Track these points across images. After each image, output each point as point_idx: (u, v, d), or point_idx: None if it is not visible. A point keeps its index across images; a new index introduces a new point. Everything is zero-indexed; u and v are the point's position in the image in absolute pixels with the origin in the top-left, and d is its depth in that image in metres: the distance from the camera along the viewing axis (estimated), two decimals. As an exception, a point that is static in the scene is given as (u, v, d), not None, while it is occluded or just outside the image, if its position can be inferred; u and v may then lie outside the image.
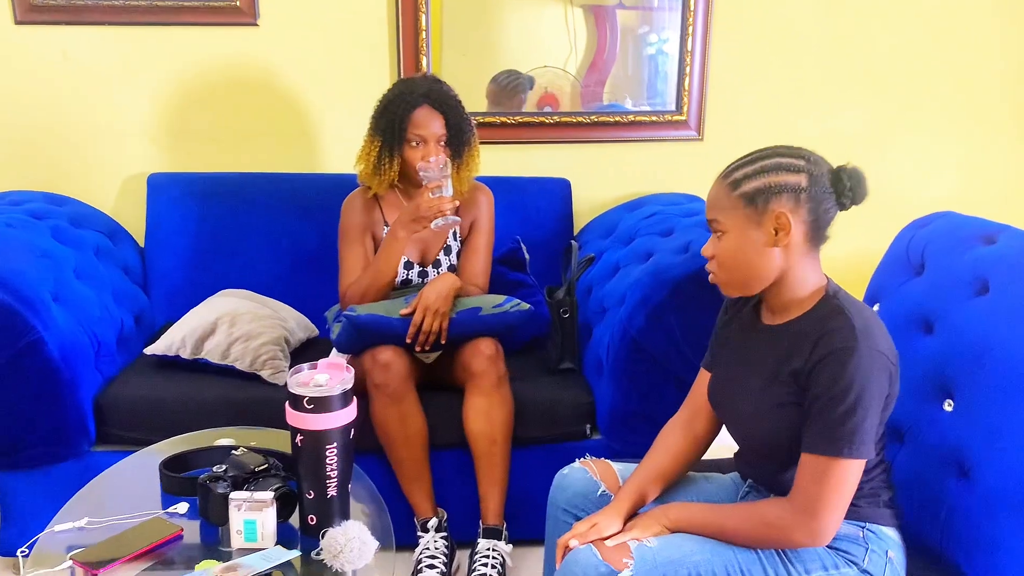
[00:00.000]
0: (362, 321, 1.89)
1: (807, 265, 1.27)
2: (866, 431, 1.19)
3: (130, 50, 2.44)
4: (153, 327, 2.37)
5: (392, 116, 1.99)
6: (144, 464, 1.64)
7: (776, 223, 1.23)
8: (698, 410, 1.47)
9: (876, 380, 1.19)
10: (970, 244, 1.52)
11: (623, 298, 2.00)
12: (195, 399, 1.99)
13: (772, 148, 1.28)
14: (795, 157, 1.25)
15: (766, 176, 1.23)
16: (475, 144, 2.09)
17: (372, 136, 2.04)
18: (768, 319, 1.35)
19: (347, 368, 1.36)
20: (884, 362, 1.20)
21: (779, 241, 1.24)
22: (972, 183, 2.85)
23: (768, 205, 1.23)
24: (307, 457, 1.34)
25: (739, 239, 1.25)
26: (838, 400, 1.18)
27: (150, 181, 2.47)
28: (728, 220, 1.26)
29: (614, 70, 2.62)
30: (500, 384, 1.95)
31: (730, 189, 1.25)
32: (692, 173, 2.70)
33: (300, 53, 2.49)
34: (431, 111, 2.00)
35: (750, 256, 1.25)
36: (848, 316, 1.22)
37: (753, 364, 1.34)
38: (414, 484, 1.94)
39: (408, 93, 2.00)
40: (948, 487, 1.39)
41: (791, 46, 2.67)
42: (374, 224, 2.10)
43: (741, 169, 1.26)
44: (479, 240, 2.15)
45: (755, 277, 1.27)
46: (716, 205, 1.27)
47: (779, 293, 1.30)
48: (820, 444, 1.20)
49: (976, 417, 1.36)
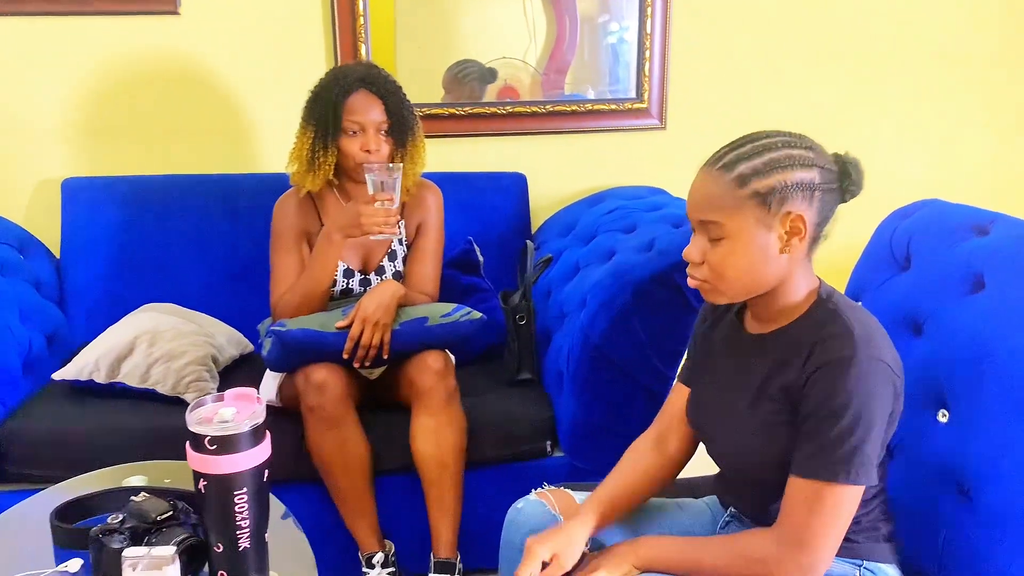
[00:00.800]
0: (292, 337, 1.71)
1: (804, 269, 1.12)
2: (867, 453, 1.03)
3: (39, 43, 2.24)
4: (70, 347, 2.16)
5: (325, 103, 1.82)
6: (40, 509, 1.43)
7: (789, 226, 1.06)
8: (671, 427, 1.31)
9: (879, 395, 1.04)
10: (961, 235, 1.39)
11: (584, 301, 1.87)
12: (110, 429, 1.80)
13: (767, 134, 1.10)
14: (803, 148, 1.08)
15: (779, 172, 1.05)
16: (420, 135, 1.93)
17: (304, 127, 1.87)
18: (754, 327, 1.19)
19: (257, 399, 1.18)
20: (887, 374, 1.05)
21: (791, 246, 1.07)
22: (947, 166, 2.78)
23: (782, 206, 1.05)
24: (213, 505, 1.15)
25: (745, 244, 1.07)
26: (835, 417, 1.02)
27: (65, 186, 2.28)
28: (733, 222, 1.06)
29: (575, 60, 2.51)
30: (450, 401, 1.78)
31: (736, 185, 1.06)
32: (655, 164, 2.59)
33: (226, 44, 2.31)
34: (369, 96, 1.83)
35: (755, 263, 1.08)
36: (845, 321, 1.06)
37: (738, 379, 1.18)
38: (357, 516, 1.77)
39: (342, 78, 1.84)
40: (945, 508, 1.25)
41: (756, 26, 2.56)
42: (309, 227, 1.91)
43: (746, 162, 1.07)
44: (427, 243, 1.97)
45: (756, 285, 1.11)
46: (716, 204, 1.07)
47: (772, 300, 1.13)
48: (813, 467, 1.04)
49: (975, 429, 1.22)
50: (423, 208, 1.97)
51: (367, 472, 1.77)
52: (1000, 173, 2.79)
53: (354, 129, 1.82)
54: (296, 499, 1.75)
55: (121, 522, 1.22)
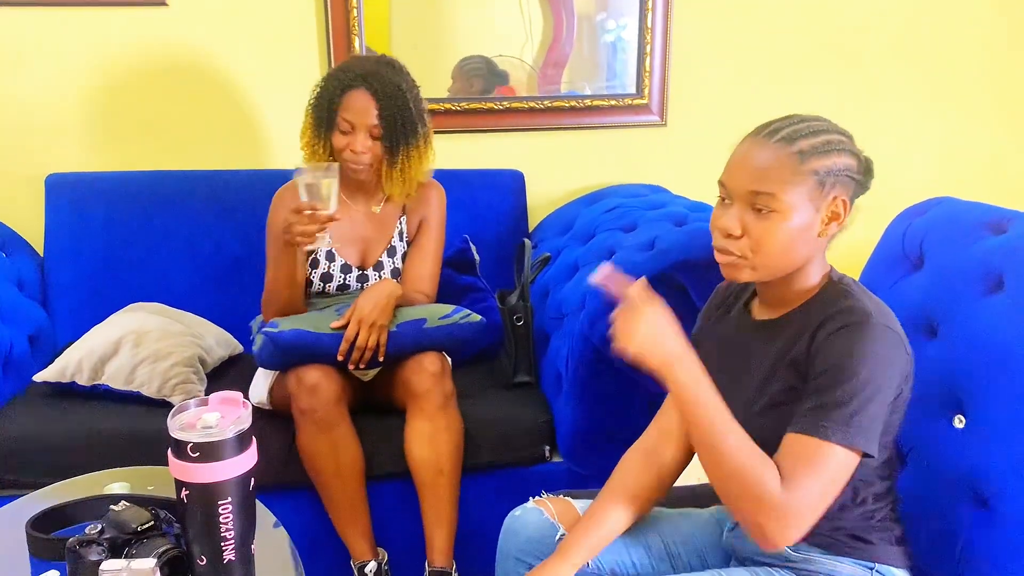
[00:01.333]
0: (285, 338, 1.65)
1: (820, 258, 1.12)
2: (870, 418, 0.99)
3: (22, 35, 2.17)
4: (54, 348, 2.10)
5: (323, 94, 1.78)
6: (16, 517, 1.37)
7: (832, 210, 1.06)
8: (666, 434, 1.25)
9: (890, 361, 1.01)
10: (976, 234, 1.34)
11: (583, 302, 1.81)
12: (92, 433, 1.74)
13: (821, 119, 1.11)
14: (846, 136, 1.10)
15: (836, 154, 1.06)
16: (421, 146, 1.82)
17: (307, 114, 1.83)
18: (762, 314, 1.16)
19: (243, 404, 1.12)
20: (900, 343, 1.03)
21: (828, 230, 1.07)
22: (950, 165, 2.74)
23: (834, 188, 1.06)
24: (196, 515, 1.09)
25: (795, 220, 1.05)
26: (841, 377, 0.99)
27: (49, 182, 2.21)
28: (789, 196, 1.04)
29: (572, 58, 2.47)
30: (446, 405, 1.72)
31: (798, 160, 1.05)
32: (655, 162, 2.54)
33: (215, 36, 2.25)
34: (365, 95, 1.75)
35: (796, 241, 1.06)
36: (859, 298, 1.05)
37: (745, 368, 1.14)
38: (349, 523, 1.71)
39: (347, 71, 1.78)
40: (963, 518, 1.20)
41: (758, 22, 2.52)
42: None
43: (805, 139, 1.06)
44: (428, 242, 1.92)
45: (789, 264, 1.09)
46: (774, 175, 1.04)
47: (787, 284, 1.11)
48: (809, 423, 1.00)
49: (994, 435, 1.18)
50: (426, 205, 1.92)
51: (360, 477, 1.72)
52: (1003, 171, 2.76)
53: (345, 127, 1.76)
54: (286, 505, 1.69)
55: (100, 532, 1.16)
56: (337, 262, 1.85)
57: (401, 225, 1.90)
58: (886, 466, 1.12)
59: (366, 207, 1.88)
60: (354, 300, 1.74)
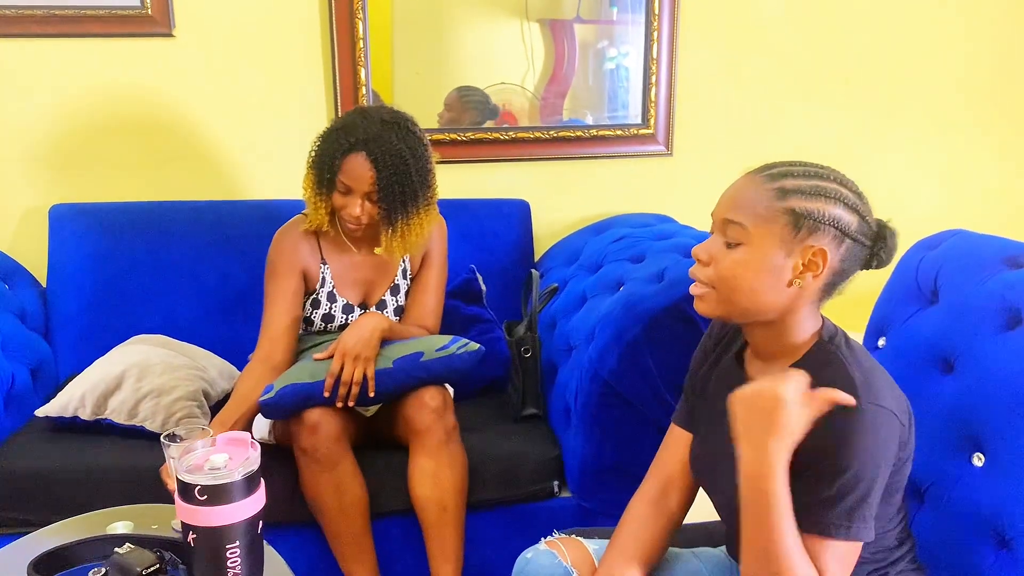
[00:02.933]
0: (284, 400, 1.63)
1: (812, 311, 1.06)
2: (869, 507, 0.97)
3: (26, 65, 2.17)
4: (56, 380, 2.08)
5: (325, 156, 1.73)
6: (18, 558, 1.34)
7: (809, 259, 1.01)
8: (671, 482, 1.23)
9: (882, 446, 0.97)
10: (992, 268, 1.32)
11: (592, 334, 1.80)
12: (95, 469, 1.70)
13: (827, 168, 1.06)
14: (853, 192, 1.04)
15: (822, 200, 1.01)
16: (422, 212, 1.77)
17: (309, 168, 1.79)
18: (754, 369, 1.12)
19: (252, 445, 1.10)
20: (891, 423, 0.98)
21: (801, 281, 1.01)
22: (957, 196, 2.74)
23: (812, 235, 1.00)
24: (203, 559, 1.07)
25: (759, 258, 1.01)
26: (836, 471, 0.96)
27: (52, 213, 2.19)
28: (758, 230, 1.01)
29: (574, 86, 2.47)
30: (449, 440, 1.69)
31: (775, 196, 1.01)
32: (662, 191, 2.53)
33: (221, 67, 2.24)
34: (364, 161, 1.69)
35: (762, 283, 1.02)
36: (845, 366, 1.00)
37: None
38: (354, 561, 1.68)
39: (350, 131, 1.71)
40: (984, 559, 1.17)
41: (764, 53, 2.53)
42: (307, 259, 1.83)
43: (793, 179, 1.03)
44: (429, 276, 1.90)
45: (755, 308, 1.04)
46: (748, 207, 1.02)
47: (772, 337, 1.07)
48: (810, 521, 0.97)
49: (1014, 474, 1.15)
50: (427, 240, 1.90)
51: (364, 515, 1.68)
52: (1011, 201, 2.75)
53: (343, 189, 1.73)
54: (291, 542, 1.67)
55: (103, 576, 1.14)
56: (339, 302, 1.84)
57: (404, 263, 1.89)
58: (896, 517, 1.09)
59: (368, 249, 1.86)
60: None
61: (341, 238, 1.86)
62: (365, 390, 1.66)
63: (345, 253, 1.85)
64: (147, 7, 2.16)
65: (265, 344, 1.78)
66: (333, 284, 1.83)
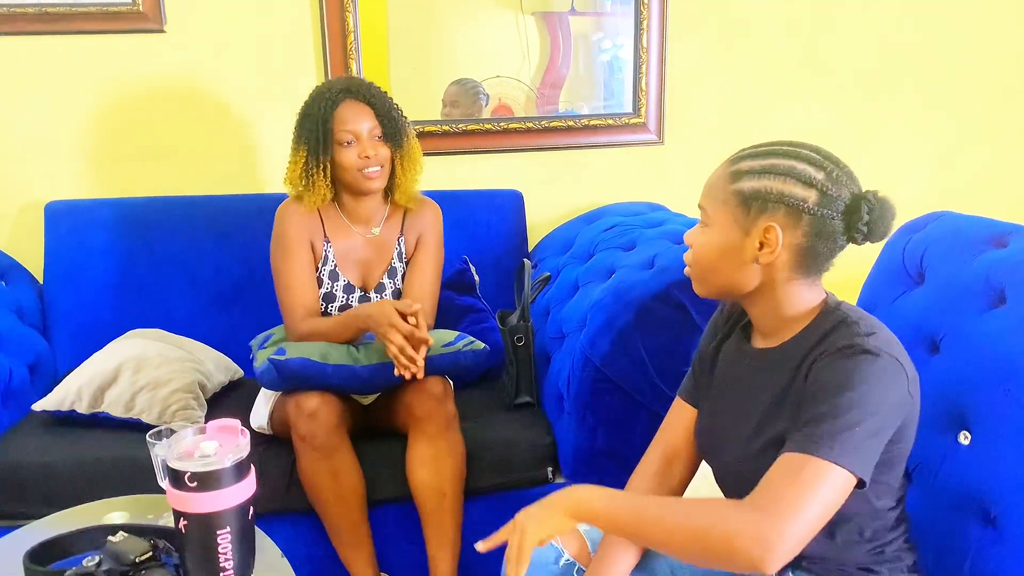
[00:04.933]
0: (290, 368, 1.64)
1: (799, 288, 1.06)
2: (857, 438, 0.94)
3: (19, 63, 2.17)
4: (54, 376, 2.09)
5: (315, 119, 1.77)
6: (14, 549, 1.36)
7: (764, 237, 1.02)
8: (674, 455, 1.24)
9: (886, 387, 0.96)
10: (977, 248, 1.33)
11: (584, 321, 1.81)
12: (91, 461, 1.72)
13: (796, 146, 1.06)
14: (814, 166, 1.02)
15: (771, 178, 1.02)
16: (412, 136, 1.88)
17: (296, 148, 1.81)
18: (759, 342, 1.14)
19: (241, 432, 1.11)
20: (899, 373, 0.98)
21: (761, 258, 1.03)
22: (946, 180, 2.73)
23: (762, 214, 1.02)
24: (194, 545, 1.08)
25: (720, 239, 1.06)
26: (830, 395, 0.96)
27: (48, 209, 2.20)
28: (715, 213, 1.07)
29: (569, 78, 2.47)
30: (448, 428, 1.71)
31: (730, 179, 1.06)
32: (653, 180, 2.53)
33: (214, 61, 2.25)
34: (356, 104, 1.79)
35: (726, 262, 1.06)
36: (856, 323, 1.01)
37: (747, 398, 1.11)
38: (352, 548, 1.69)
39: (326, 91, 1.79)
40: (970, 536, 1.18)
41: (754, 40, 2.53)
42: (313, 234, 1.84)
43: (749, 160, 1.06)
44: (425, 259, 1.91)
45: (727, 286, 1.09)
46: (710, 192, 1.08)
47: (764, 312, 1.09)
48: (797, 440, 0.96)
49: (1000, 451, 1.16)
50: (422, 223, 1.92)
51: (362, 502, 1.70)
52: (999, 184, 2.75)
53: (348, 139, 1.77)
54: (288, 531, 1.69)
55: (97, 564, 1.15)
56: (341, 281, 1.84)
57: (400, 246, 1.90)
58: (895, 496, 1.09)
59: (365, 230, 1.88)
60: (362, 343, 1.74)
61: (339, 217, 1.87)
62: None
63: (344, 234, 1.86)
64: (138, 4, 2.16)
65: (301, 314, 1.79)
66: (335, 262, 1.84)
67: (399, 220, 1.91)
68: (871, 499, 1.04)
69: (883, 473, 1.02)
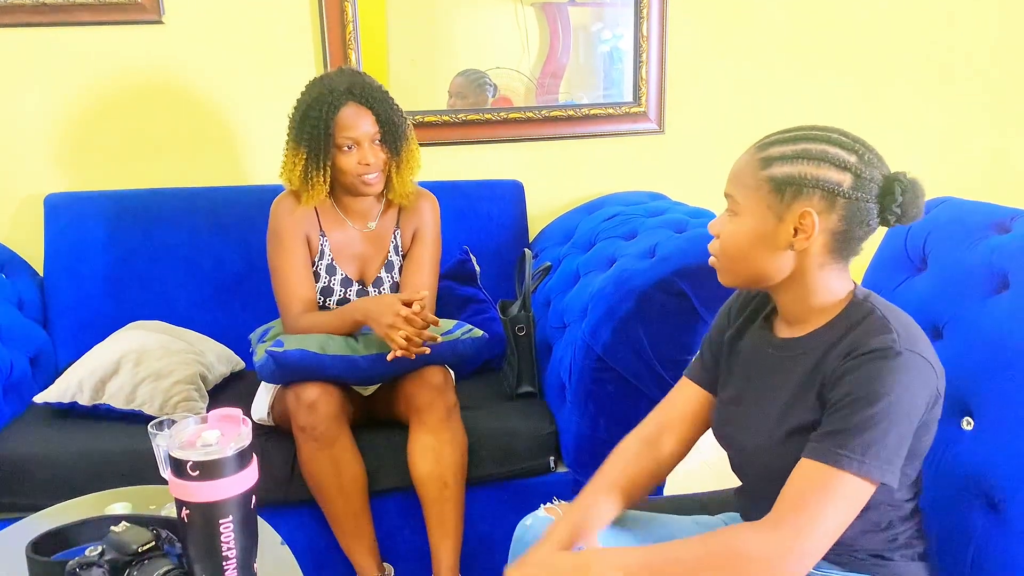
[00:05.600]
0: (288, 359, 1.64)
1: (829, 275, 1.06)
2: (888, 448, 0.95)
3: (18, 55, 2.17)
4: (55, 368, 2.09)
5: (315, 121, 1.74)
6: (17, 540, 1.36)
7: (799, 222, 1.01)
8: (670, 426, 1.24)
9: (915, 391, 0.97)
10: (980, 233, 1.32)
11: (585, 311, 1.80)
12: (93, 453, 1.72)
13: (825, 130, 1.05)
14: (846, 150, 1.02)
15: (804, 163, 1.01)
16: (412, 137, 1.86)
17: (295, 147, 1.79)
18: (784, 331, 1.13)
19: (243, 421, 1.11)
20: (928, 372, 0.99)
21: (796, 244, 1.02)
22: (948, 165, 2.72)
23: (797, 199, 1.01)
24: (197, 535, 1.08)
25: (752, 226, 1.05)
26: (862, 403, 0.96)
27: (48, 202, 2.20)
28: (746, 200, 1.05)
29: (569, 69, 2.47)
30: (449, 418, 1.70)
31: (760, 166, 1.04)
32: (654, 169, 2.52)
33: (213, 52, 2.24)
34: (358, 108, 1.76)
35: (758, 250, 1.05)
36: (885, 320, 1.01)
37: (768, 390, 1.11)
38: (354, 539, 1.69)
39: (328, 92, 1.75)
40: (974, 522, 1.18)
41: (754, 28, 2.52)
42: (309, 228, 1.83)
43: (779, 146, 1.04)
44: (423, 252, 1.90)
45: (758, 274, 1.07)
46: (738, 179, 1.06)
47: (793, 300, 1.08)
48: (824, 450, 0.97)
49: (1003, 437, 1.16)
50: (418, 216, 1.91)
51: (363, 493, 1.70)
52: (1003, 169, 2.74)
53: (348, 144, 1.75)
54: (290, 522, 1.69)
55: (100, 554, 1.15)
56: (338, 275, 1.84)
57: (396, 239, 1.89)
58: (913, 488, 1.09)
59: (362, 224, 1.87)
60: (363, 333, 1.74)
61: (335, 212, 1.86)
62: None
63: (340, 228, 1.86)
64: (137, -5, 2.16)
65: (299, 308, 1.79)
66: (332, 256, 1.83)
67: (395, 214, 1.90)
68: (891, 491, 1.04)
69: (905, 465, 1.02)
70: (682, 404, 1.25)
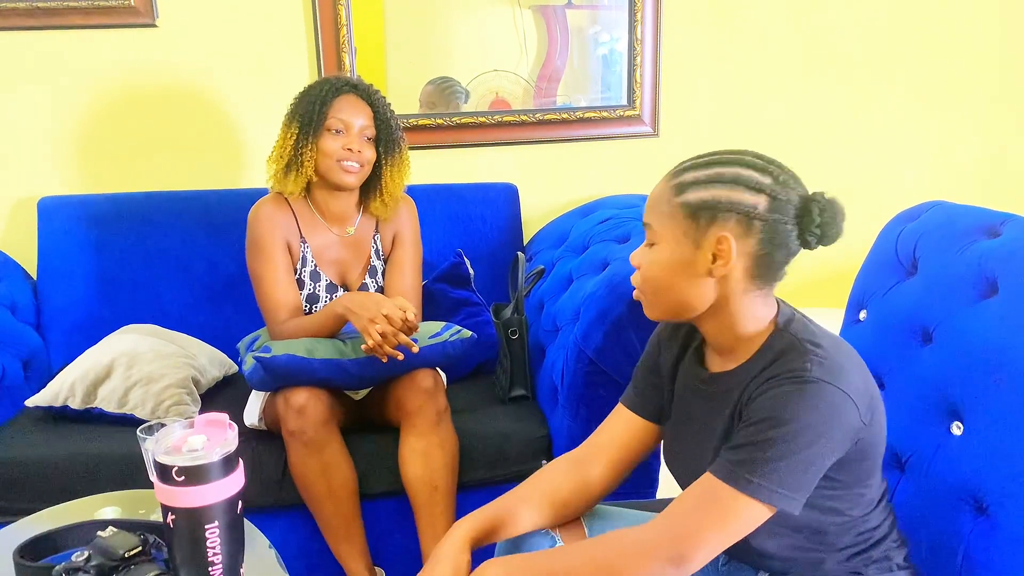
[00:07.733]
0: (276, 364, 1.63)
1: (754, 301, 1.03)
2: (784, 474, 0.93)
3: (11, 58, 2.17)
4: (49, 372, 2.09)
5: (313, 100, 1.75)
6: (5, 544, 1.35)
7: (716, 248, 0.99)
8: (600, 449, 1.21)
9: (826, 422, 0.94)
10: (970, 238, 1.32)
11: (577, 314, 1.80)
12: (84, 457, 1.71)
13: (738, 153, 1.03)
14: (760, 172, 0.99)
15: (717, 187, 0.98)
16: (405, 152, 1.86)
17: (288, 125, 1.79)
18: (715, 364, 1.10)
19: (229, 426, 1.11)
20: (844, 407, 0.95)
21: (715, 271, 1.00)
22: (942, 170, 2.72)
23: (712, 224, 0.98)
24: (183, 540, 1.08)
25: (670, 255, 1.02)
26: (764, 427, 0.94)
27: (41, 206, 2.20)
28: (663, 229, 1.02)
29: (566, 71, 2.46)
30: (440, 421, 1.70)
31: (674, 192, 1.01)
32: (648, 172, 2.50)
33: (206, 55, 2.24)
34: (358, 100, 1.78)
35: (678, 279, 1.02)
36: (804, 347, 0.98)
37: (703, 424, 1.09)
38: (344, 543, 1.69)
39: (333, 80, 1.80)
40: (963, 527, 1.18)
41: (749, 32, 2.51)
42: (289, 234, 1.81)
43: (693, 171, 1.02)
44: (403, 256, 1.90)
45: (681, 304, 1.04)
46: (653, 207, 1.04)
47: (720, 331, 1.05)
48: (720, 466, 0.97)
49: (992, 442, 1.16)
50: (397, 219, 1.90)
51: (354, 497, 1.70)
52: (995, 175, 2.74)
53: (338, 127, 1.75)
54: (281, 526, 1.69)
55: (87, 559, 1.14)
56: (322, 281, 1.83)
57: (376, 243, 1.89)
58: (871, 505, 1.07)
59: (340, 230, 1.86)
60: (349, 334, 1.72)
61: (314, 216, 1.85)
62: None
63: (320, 232, 1.85)
64: (130, -2, 2.16)
65: (284, 315, 1.77)
66: (315, 263, 1.83)
67: (373, 219, 1.89)
68: (843, 511, 1.03)
69: (851, 487, 1.02)
70: (613, 430, 1.22)
